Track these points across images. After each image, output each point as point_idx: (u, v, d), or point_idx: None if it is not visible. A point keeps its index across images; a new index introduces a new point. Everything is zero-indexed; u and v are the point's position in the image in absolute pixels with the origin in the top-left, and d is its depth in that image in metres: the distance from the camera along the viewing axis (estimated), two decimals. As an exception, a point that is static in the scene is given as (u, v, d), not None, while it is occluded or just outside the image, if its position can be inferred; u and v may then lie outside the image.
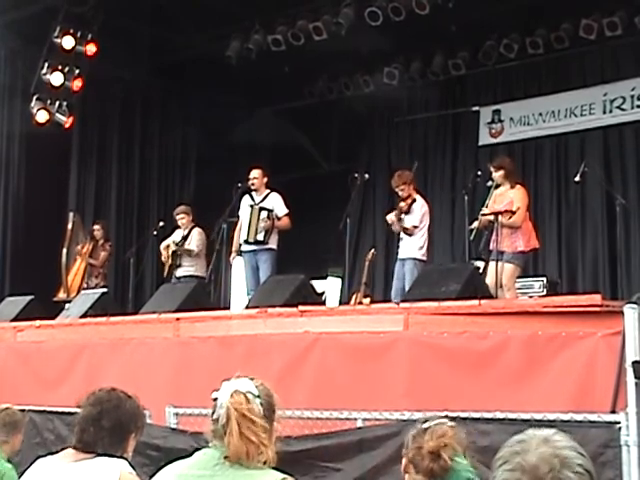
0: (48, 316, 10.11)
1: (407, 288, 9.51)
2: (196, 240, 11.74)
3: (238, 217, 11.00)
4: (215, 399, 2.79)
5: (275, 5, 13.12)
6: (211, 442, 2.79)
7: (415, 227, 9.96)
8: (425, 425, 2.86)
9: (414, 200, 10.10)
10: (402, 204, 10.06)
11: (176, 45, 14.39)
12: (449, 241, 14.28)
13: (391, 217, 10.18)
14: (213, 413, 2.78)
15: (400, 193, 10.14)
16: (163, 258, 11.88)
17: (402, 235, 10.12)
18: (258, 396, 2.77)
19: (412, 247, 9.96)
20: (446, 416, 3.07)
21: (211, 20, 13.56)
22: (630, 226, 12.38)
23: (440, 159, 14.99)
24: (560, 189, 13.58)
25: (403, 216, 9.99)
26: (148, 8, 13.70)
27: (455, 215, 13.88)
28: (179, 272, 11.66)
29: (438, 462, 2.77)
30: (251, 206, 10.77)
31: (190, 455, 2.83)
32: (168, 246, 11.82)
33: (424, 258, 10.00)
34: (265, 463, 2.74)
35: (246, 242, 10.74)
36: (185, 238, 11.80)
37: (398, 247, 10.28)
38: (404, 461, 2.85)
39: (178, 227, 12.01)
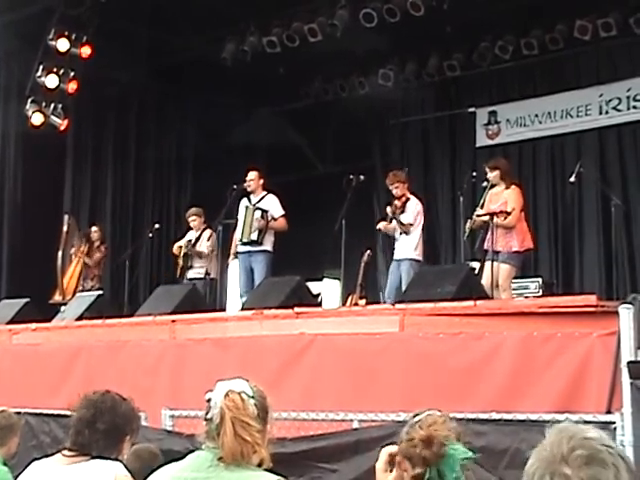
0: (44, 319, 10.11)
1: (404, 288, 9.56)
2: (206, 242, 11.73)
3: (237, 220, 11.01)
4: (209, 400, 2.78)
5: (270, 7, 13.12)
6: (204, 444, 2.79)
7: (411, 225, 9.98)
8: (415, 419, 2.85)
9: (408, 199, 10.13)
10: (397, 202, 10.10)
11: (172, 47, 14.39)
12: (447, 242, 14.28)
13: (383, 224, 10.25)
14: (207, 413, 2.78)
15: (394, 191, 10.18)
16: (175, 250, 11.88)
17: (397, 236, 10.15)
18: (252, 397, 2.77)
19: (408, 247, 9.98)
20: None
21: (207, 22, 13.56)
22: (625, 227, 12.39)
23: (438, 161, 15.00)
24: (556, 190, 13.59)
25: (398, 214, 10.03)
26: (144, 10, 13.69)
27: (451, 216, 13.89)
28: (190, 274, 11.65)
29: (431, 449, 2.73)
30: (246, 207, 10.79)
31: (184, 457, 2.83)
32: (180, 247, 11.82)
33: (419, 258, 10.02)
34: (261, 464, 2.74)
35: (241, 242, 10.75)
36: (197, 240, 11.81)
37: (394, 248, 10.30)
38: (398, 459, 2.83)
39: (191, 228, 12.02)
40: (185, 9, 13.40)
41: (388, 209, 10.23)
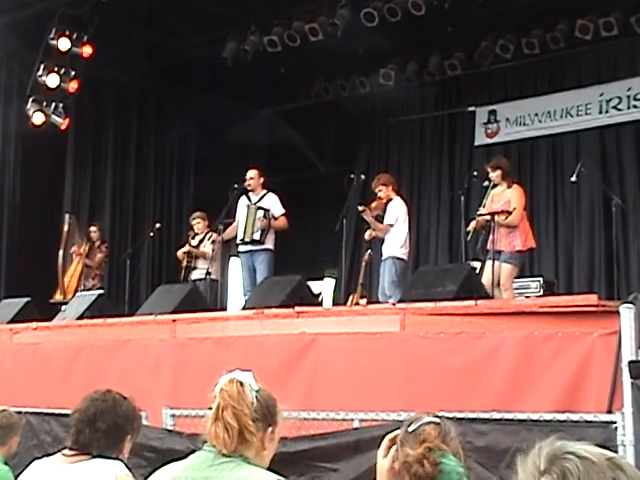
0: (45, 318, 10.11)
1: (386, 287, 9.70)
2: (210, 244, 11.69)
3: (235, 218, 11.00)
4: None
5: (271, 6, 13.12)
6: (205, 443, 2.77)
7: (391, 225, 10.00)
8: (410, 428, 2.86)
9: (390, 200, 10.14)
10: (373, 204, 10.14)
11: (173, 47, 14.40)
12: (446, 242, 14.28)
13: (368, 234, 10.28)
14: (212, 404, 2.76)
15: (379, 194, 10.21)
16: (179, 255, 11.86)
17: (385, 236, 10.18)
18: (257, 391, 2.75)
19: (391, 246, 10.02)
20: (437, 416, 3.07)
21: (207, 22, 13.56)
22: (626, 226, 12.39)
23: (436, 160, 15.00)
24: (556, 189, 13.59)
25: (370, 214, 10.05)
26: (145, 10, 13.71)
27: (452, 216, 13.89)
28: (194, 275, 11.62)
29: (424, 468, 2.76)
30: (248, 206, 10.77)
31: (186, 457, 2.83)
32: (184, 253, 11.78)
33: (404, 257, 10.02)
34: (256, 455, 2.71)
35: (242, 242, 10.73)
36: (201, 242, 11.79)
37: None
38: (396, 465, 2.86)
39: (196, 233, 12.00)
40: (186, 9, 13.39)
41: (359, 207, 10.25)
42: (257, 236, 10.58)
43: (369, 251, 12.48)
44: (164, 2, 13.48)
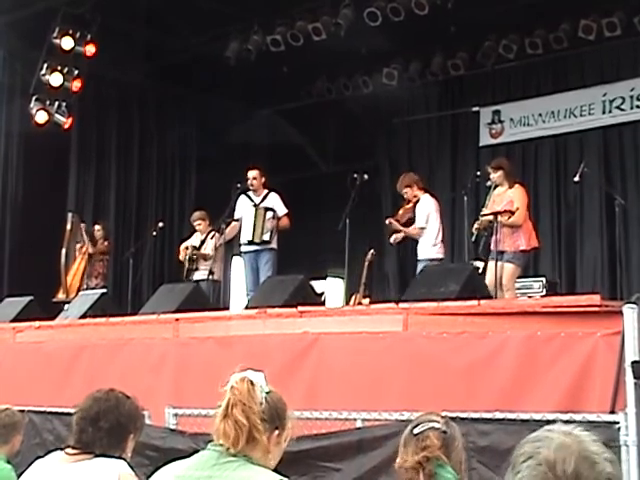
0: (47, 317, 10.11)
1: None
2: (212, 244, 11.70)
3: (234, 216, 10.99)
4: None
5: (274, 6, 13.12)
6: (211, 442, 2.76)
7: (422, 228, 9.99)
8: (415, 431, 2.88)
9: (417, 201, 10.12)
10: (400, 211, 10.13)
11: (173, 47, 14.39)
12: (449, 242, 14.26)
13: (394, 238, 10.28)
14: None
15: (405, 196, 10.21)
16: (181, 257, 11.86)
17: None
18: (267, 392, 2.74)
19: (425, 247, 10.04)
20: (444, 416, 3.07)
21: (210, 21, 13.56)
22: (629, 226, 12.37)
23: (440, 160, 14.97)
24: (560, 189, 13.59)
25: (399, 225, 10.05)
26: (148, 9, 13.71)
27: (455, 216, 13.87)
28: (196, 275, 11.61)
29: (418, 477, 2.83)
30: (255, 206, 10.76)
31: (188, 456, 2.82)
32: (187, 248, 11.80)
33: (439, 256, 10.05)
34: (261, 457, 2.70)
35: (250, 242, 10.72)
36: (202, 243, 11.79)
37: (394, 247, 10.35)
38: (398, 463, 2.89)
39: (195, 231, 12.01)
40: (186, 8, 13.39)
41: (387, 222, 10.25)
42: (267, 237, 10.61)
43: (372, 250, 12.48)
44: (164, 2, 13.48)
